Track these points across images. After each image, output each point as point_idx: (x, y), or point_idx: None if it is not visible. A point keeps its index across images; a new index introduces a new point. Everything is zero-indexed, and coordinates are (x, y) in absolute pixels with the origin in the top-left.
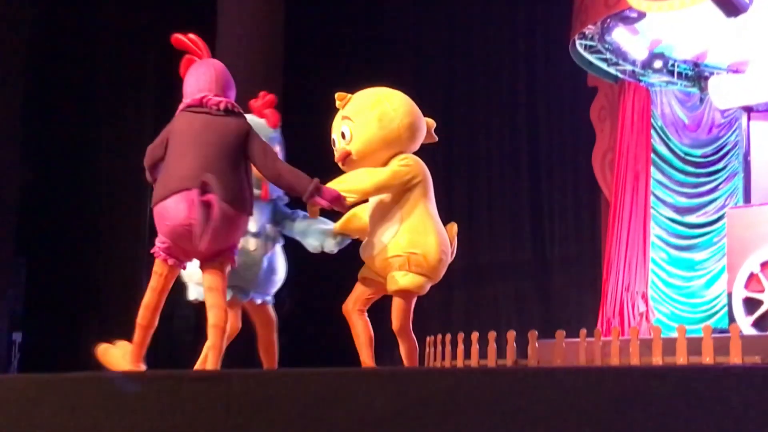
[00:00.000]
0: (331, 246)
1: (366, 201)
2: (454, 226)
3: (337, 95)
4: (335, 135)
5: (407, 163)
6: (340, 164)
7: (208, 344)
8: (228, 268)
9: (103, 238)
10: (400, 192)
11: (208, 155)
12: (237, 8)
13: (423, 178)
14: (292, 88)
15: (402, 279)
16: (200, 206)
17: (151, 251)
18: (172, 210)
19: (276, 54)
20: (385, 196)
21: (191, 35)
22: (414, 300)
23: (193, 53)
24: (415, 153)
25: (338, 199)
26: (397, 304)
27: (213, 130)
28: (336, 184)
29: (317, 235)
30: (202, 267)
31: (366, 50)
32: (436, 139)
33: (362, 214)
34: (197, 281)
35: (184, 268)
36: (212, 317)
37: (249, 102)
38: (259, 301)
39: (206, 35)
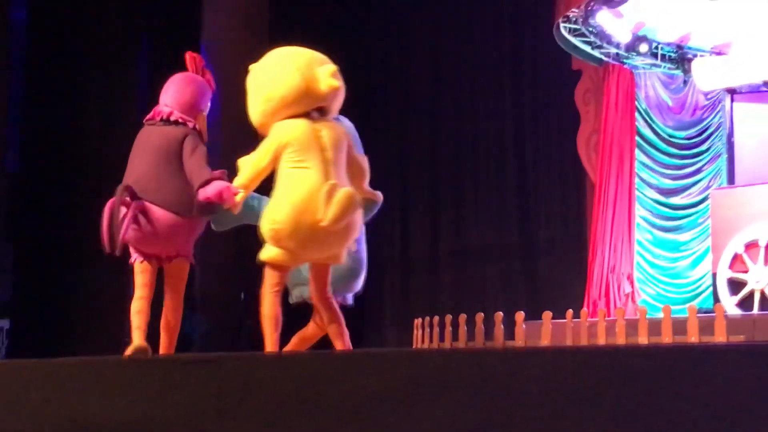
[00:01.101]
0: None
1: None
2: (324, 186)
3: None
4: None
5: (269, 138)
6: None
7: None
8: (186, 271)
9: (91, 224)
10: (278, 163)
11: (148, 163)
12: None
13: (288, 142)
14: None
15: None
16: (107, 213)
17: (130, 262)
18: None
19: (261, 30)
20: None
21: (190, 53)
22: (274, 270)
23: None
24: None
25: (220, 195)
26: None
27: (152, 140)
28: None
29: None
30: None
31: (352, 31)
32: (337, 84)
33: None
34: (293, 283)
35: (163, 262)
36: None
37: None
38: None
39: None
